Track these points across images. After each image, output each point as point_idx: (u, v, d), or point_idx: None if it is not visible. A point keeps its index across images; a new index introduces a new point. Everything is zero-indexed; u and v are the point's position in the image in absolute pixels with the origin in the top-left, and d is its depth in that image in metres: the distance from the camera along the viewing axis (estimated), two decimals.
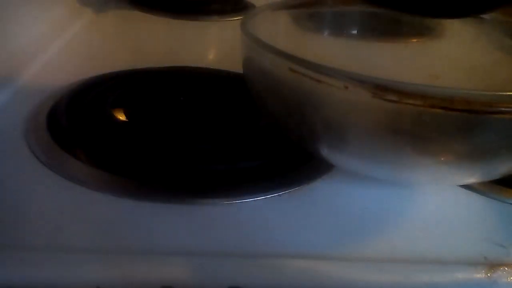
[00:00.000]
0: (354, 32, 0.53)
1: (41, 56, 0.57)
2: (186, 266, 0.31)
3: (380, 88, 0.33)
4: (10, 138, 0.43)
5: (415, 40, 0.53)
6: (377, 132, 0.35)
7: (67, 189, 0.37)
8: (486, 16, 0.45)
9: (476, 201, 0.40)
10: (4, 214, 0.34)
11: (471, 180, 0.40)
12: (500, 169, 0.37)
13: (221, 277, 0.31)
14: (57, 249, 0.32)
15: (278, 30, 0.49)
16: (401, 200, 0.40)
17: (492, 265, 0.33)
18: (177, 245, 0.33)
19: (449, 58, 0.49)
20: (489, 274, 0.33)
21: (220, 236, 0.35)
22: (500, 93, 0.33)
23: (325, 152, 0.39)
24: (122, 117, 0.46)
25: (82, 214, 0.35)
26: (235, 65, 0.46)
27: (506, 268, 0.33)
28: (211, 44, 0.75)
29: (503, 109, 0.32)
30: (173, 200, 0.37)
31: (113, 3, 0.80)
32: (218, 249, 0.33)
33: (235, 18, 0.78)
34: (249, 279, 0.31)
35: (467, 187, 0.41)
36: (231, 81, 0.53)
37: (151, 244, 0.33)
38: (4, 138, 0.43)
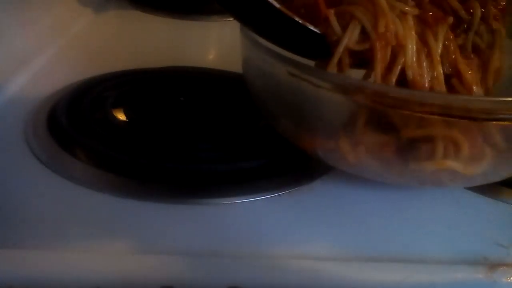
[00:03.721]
0: None
1: (41, 56, 0.57)
2: (186, 266, 0.31)
3: (380, 94, 0.33)
4: (10, 138, 0.43)
5: None
6: (376, 136, 0.35)
7: (67, 189, 0.37)
8: None
9: (476, 201, 0.40)
10: (4, 214, 0.34)
11: (472, 184, 0.40)
12: (501, 173, 0.37)
13: (221, 277, 0.31)
14: (57, 249, 0.32)
15: None
16: (400, 200, 0.40)
17: (492, 265, 0.33)
18: (177, 245, 0.33)
19: None
20: (489, 274, 0.33)
21: (220, 236, 0.35)
22: (499, 99, 0.33)
23: (323, 153, 0.39)
24: (122, 117, 0.46)
25: (82, 214, 0.35)
26: (235, 65, 0.46)
27: (506, 268, 0.33)
28: (211, 44, 0.75)
29: (502, 116, 0.32)
30: (173, 200, 0.37)
31: (113, 3, 0.79)
32: (218, 249, 0.33)
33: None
34: (249, 279, 0.31)
35: (468, 187, 0.41)
36: (231, 81, 0.53)
37: (151, 244, 0.33)
38: (4, 138, 0.43)
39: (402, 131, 0.34)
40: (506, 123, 0.32)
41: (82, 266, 0.31)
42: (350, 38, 0.35)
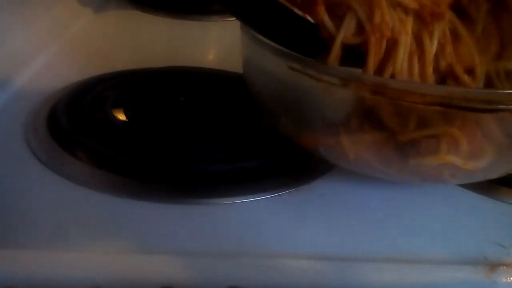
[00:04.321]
0: None
1: (41, 56, 0.57)
2: (186, 266, 0.31)
3: (379, 86, 0.33)
4: (10, 138, 0.43)
5: None
6: (377, 130, 0.35)
7: (67, 189, 0.37)
8: None
9: (476, 201, 0.40)
10: (4, 214, 0.34)
11: (474, 180, 0.40)
12: (502, 168, 0.37)
13: (221, 277, 0.31)
14: (57, 249, 0.32)
15: None
16: (401, 199, 0.40)
17: (492, 265, 0.33)
18: (177, 245, 0.33)
19: None
20: (489, 274, 0.33)
21: (220, 236, 0.35)
22: (499, 91, 0.33)
23: (324, 150, 0.39)
24: (122, 117, 0.46)
25: (82, 214, 0.35)
26: (235, 65, 0.46)
27: (506, 268, 0.33)
28: (211, 44, 0.75)
29: (501, 106, 0.32)
30: (173, 200, 0.37)
31: (113, 3, 0.79)
32: (218, 249, 0.33)
33: (235, 18, 0.78)
34: (249, 279, 0.31)
35: (467, 187, 0.41)
36: (231, 81, 0.53)
37: (151, 244, 0.33)
38: (4, 138, 0.43)
39: (400, 136, 0.34)
40: (505, 114, 0.32)
41: (82, 266, 0.31)
42: (347, 31, 0.34)
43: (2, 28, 0.53)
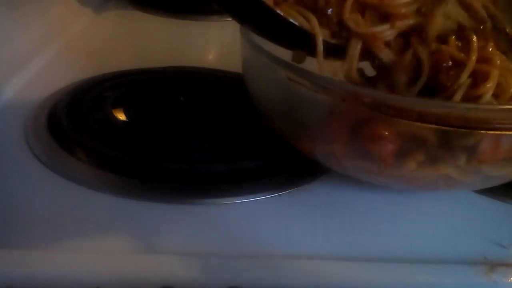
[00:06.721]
0: None
1: (41, 56, 0.57)
2: (186, 266, 0.31)
3: (377, 102, 0.32)
4: (10, 138, 0.43)
5: None
6: (374, 142, 0.35)
7: (67, 189, 0.37)
8: None
9: (476, 201, 0.40)
10: (4, 214, 0.34)
11: (470, 189, 0.40)
12: (499, 179, 0.37)
13: (221, 277, 0.31)
14: (57, 249, 0.32)
15: None
16: (401, 200, 0.40)
17: (492, 265, 0.33)
18: (177, 245, 0.33)
19: None
20: (489, 274, 0.33)
21: (220, 236, 0.35)
22: (497, 107, 0.33)
23: (320, 156, 0.39)
24: (122, 117, 0.46)
25: (82, 214, 0.35)
26: (235, 65, 0.46)
27: (506, 268, 0.33)
28: (211, 44, 0.75)
29: (498, 125, 0.32)
30: (173, 200, 0.37)
31: (113, 3, 0.79)
32: (218, 249, 0.33)
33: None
34: (249, 279, 0.31)
35: None
36: (231, 81, 0.53)
37: (151, 244, 0.33)
38: (4, 138, 0.43)
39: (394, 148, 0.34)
40: (503, 132, 0.32)
41: (82, 266, 0.31)
42: None
43: (2, 28, 0.53)
